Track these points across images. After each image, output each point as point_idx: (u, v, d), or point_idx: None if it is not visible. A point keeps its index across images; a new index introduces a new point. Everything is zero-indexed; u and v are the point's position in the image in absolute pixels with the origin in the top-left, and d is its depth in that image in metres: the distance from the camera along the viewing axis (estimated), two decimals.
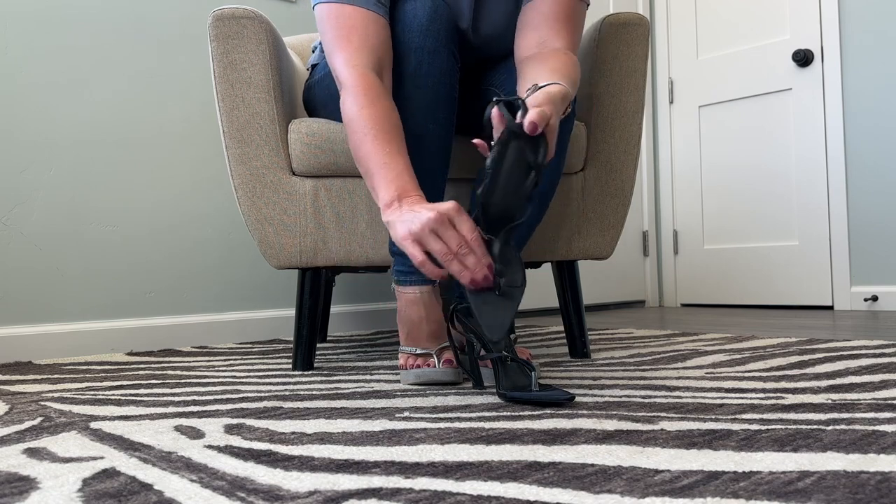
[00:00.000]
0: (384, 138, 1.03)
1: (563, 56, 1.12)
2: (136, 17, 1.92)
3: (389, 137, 1.03)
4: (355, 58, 1.09)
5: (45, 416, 0.99)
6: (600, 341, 1.78)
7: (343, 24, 1.11)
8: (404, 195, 0.99)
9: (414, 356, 1.20)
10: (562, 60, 1.11)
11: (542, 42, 1.17)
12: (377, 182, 1.01)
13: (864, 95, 2.72)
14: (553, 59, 1.11)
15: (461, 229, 0.93)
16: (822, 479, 0.61)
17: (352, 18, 1.10)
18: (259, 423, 0.90)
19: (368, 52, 1.10)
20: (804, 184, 2.89)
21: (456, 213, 0.93)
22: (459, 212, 0.94)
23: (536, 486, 0.61)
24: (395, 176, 1.00)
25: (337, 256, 1.37)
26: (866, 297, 2.69)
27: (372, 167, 1.02)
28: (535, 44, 1.18)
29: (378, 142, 1.02)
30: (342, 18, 1.11)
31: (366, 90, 1.06)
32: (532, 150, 0.95)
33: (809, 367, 1.25)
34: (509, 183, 0.96)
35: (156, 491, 0.63)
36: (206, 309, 2.02)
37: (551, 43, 1.17)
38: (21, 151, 1.73)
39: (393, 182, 1.00)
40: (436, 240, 0.93)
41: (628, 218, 3.30)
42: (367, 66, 1.09)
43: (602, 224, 1.46)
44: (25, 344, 1.70)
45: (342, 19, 1.11)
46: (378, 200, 1.01)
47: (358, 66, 1.08)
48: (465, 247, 0.92)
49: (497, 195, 0.96)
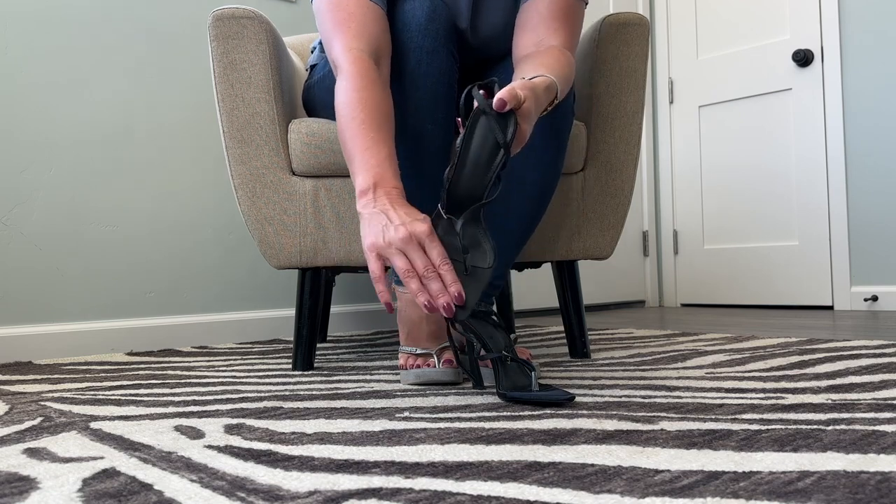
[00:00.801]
0: (371, 125, 1.00)
1: (557, 52, 1.14)
2: (136, 17, 1.92)
3: (377, 125, 1.00)
4: (353, 43, 1.07)
5: (45, 416, 0.99)
6: (600, 341, 1.78)
7: (341, 12, 1.10)
8: (380, 185, 0.96)
9: (414, 356, 1.20)
10: (554, 56, 1.12)
11: (539, 41, 1.18)
12: (356, 167, 0.98)
13: (864, 95, 2.72)
14: (546, 56, 1.12)
15: (430, 254, 0.90)
16: (822, 479, 0.61)
17: (350, 7, 1.10)
18: (259, 423, 0.90)
19: (366, 39, 1.08)
20: (804, 184, 2.89)
21: (427, 236, 0.90)
22: (431, 236, 0.91)
23: (536, 486, 0.61)
24: (376, 163, 0.97)
25: (337, 256, 1.37)
26: (866, 297, 2.69)
27: (354, 151, 0.99)
28: (533, 43, 1.18)
29: (364, 127, 1.00)
30: (340, 7, 1.10)
31: (361, 74, 1.04)
32: (501, 129, 0.95)
33: (809, 367, 1.25)
34: (477, 162, 0.96)
35: (156, 491, 0.63)
36: (206, 309, 2.02)
37: (548, 42, 1.18)
38: (21, 151, 1.73)
39: (372, 169, 0.97)
40: (400, 257, 0.91)
41: (628, 218, 3.30)
42: (363, 52, 1.07)
43: (602, 224, 1.46)
44: (25, 344, 1.70)
45: (340, 8, 1.10)
46: (355, 186, 0.98)
47: (354, 49, 1.07)
48: (431, 271, 0.90)
49: (465, 174, 0.96)
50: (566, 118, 1.23)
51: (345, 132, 1.01)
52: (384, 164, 0.97)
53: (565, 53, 1.15)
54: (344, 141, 1.02)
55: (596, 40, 1.45)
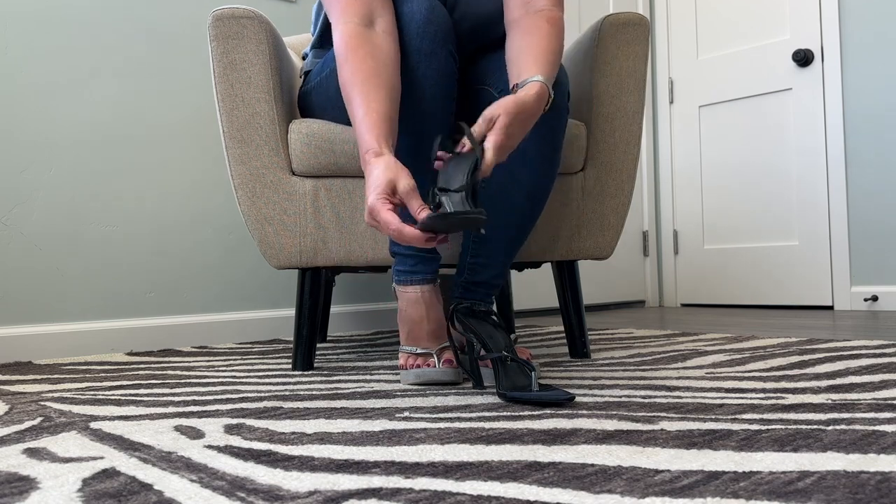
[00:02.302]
0: (361, 90, 1.06)
1: (545, 26, 1.16)
2: (135, 17, 1.92)
3: (367, 88, 1.06)
4: (345, 15, 1.12)
5: (45, 416, 0.99)
6: (600, 341, 1.78)
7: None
8: (366, 152, 1.03)
9: (414, 356, 1.20)
10: (542, 33, 1.14)
11: (528, 1, 1.19)
12: (356, 138, 1.07)
13: (864, 95, 2.72)
14: (534, 35, 1.14)
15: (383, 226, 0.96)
16: (822, 479, 0.61)
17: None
18: (259, 423, 0.90)
19: (354, 9, 1.12)
20: (804, 183, 2.89)
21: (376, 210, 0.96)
22: (375, 210, 0.96)
23: (536, 486, 0.61)
24: (365, 130, 1.04)
25: (337, 256, 1.37)
26: (866, 297, 2.69)
27: (354, 122, 1.07)
28: (522, 2, 1.20)
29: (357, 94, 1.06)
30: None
31: (348, 42, 1.09)
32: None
33: (809, 367, 1.25)
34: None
35: (156, 491, 0.63)
36: (206, 309, 2.02)
37: (536, 3, 1.19)
38: (21, 151, 1.73)
39: (360, 138, 1.04)
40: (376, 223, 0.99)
41: (628, 218, 3.30)
42: (353, 21, 1.11)
43: (602, 224, 1.46)
44: (25, 344, 1.70)
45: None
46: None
47: (344, 23, 1.11)
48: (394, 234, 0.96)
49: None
50: (560, 116, 1.22)
51: (348, 106, 1.09)
52: (372, 132, 1.04)
53: (554, 24, 1.17)
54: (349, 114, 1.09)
55: (596, 40, 1.45)
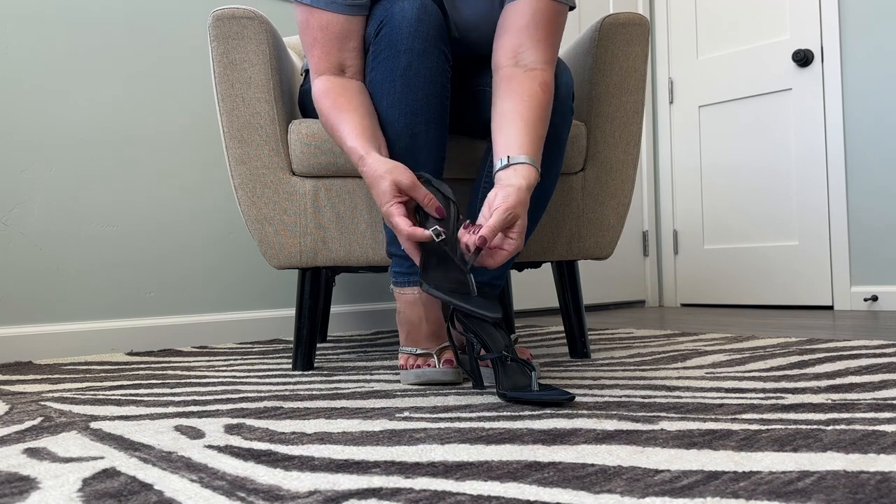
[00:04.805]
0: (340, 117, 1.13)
1: (539, 94, 1.12)
2: (135, 17, 1.92)
3: (345, 115, 1.13)
4: (319, 69, 1.19)
5: (45, 416, 0.99)
6: (600, 341, 1.78)
7: (308, 36, 1.19)
8: (358, 159, 1.09)
9: (414, 356, 1.20)
10: (536, 102, 1.12)
11: (518, 52, 1.16)
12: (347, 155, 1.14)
13: (864, 95, 2.72)
14: (528, 104, 1.11)
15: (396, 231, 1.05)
16: (822, 479, 0.61)
17: (314, 31, 1.18)
18: (259, 423, 0.90)
19: (328, 60, 1.19)
20: (804, 183, 2.89)
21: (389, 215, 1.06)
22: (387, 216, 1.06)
23: (536, 486, 0.61)
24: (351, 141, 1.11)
25: (337, 256, 1.37)
26: (866, 297, 2.69)
27: (342, 144, 1.14)
28: (512, 50, 1.16)
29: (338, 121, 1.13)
30: (308, 31, 1.19)
31: (327, 91, 1.17)
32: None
33: (809, 367, 1.25)
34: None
35: (156, 491, 0.63)
36: (206, 309, 2.02)
37: (527, 56, 1.15)
38: (21, 151, 1.73)
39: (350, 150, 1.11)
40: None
41: (628, 218, 3.30)
42: (326, 73, 1.19)
43: (602, 224, 1.46)
44: (25, 344, 1.70)
45: (308, 32, 1.19)
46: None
47: (318, 75, 1.19)
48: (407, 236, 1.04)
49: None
50: (565, 118, 1.22)
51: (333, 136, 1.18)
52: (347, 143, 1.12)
53: (545, 85, 1.14)
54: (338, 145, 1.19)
55: (596, 40, 1.45)
